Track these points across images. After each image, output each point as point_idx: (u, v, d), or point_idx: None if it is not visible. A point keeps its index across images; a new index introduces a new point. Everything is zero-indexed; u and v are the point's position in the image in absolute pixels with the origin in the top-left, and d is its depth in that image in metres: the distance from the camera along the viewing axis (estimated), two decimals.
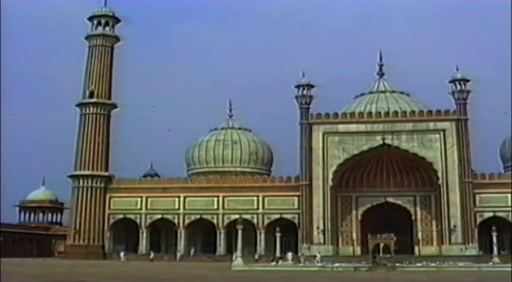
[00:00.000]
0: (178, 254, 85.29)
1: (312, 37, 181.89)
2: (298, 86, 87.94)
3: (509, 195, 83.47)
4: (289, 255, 72.81)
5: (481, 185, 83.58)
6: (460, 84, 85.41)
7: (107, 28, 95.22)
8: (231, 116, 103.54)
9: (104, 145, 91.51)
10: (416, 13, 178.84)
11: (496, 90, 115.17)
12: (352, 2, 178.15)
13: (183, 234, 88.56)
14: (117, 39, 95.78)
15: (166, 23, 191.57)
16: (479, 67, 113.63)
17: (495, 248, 72.16)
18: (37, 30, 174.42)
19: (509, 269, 56.74)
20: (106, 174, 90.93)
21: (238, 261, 60.80)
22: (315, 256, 73.87)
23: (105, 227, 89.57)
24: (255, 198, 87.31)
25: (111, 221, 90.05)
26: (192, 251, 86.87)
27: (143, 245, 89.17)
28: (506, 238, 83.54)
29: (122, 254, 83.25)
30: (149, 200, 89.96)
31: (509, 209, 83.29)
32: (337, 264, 61.66)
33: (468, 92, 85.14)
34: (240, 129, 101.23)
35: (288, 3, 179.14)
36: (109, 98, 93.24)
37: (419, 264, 62.86)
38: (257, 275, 50.56)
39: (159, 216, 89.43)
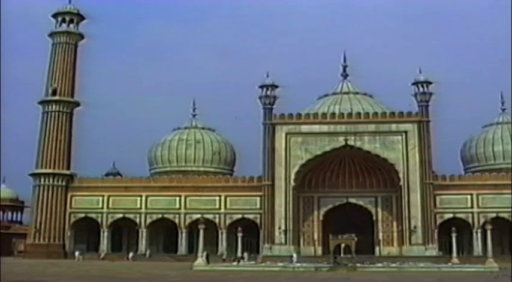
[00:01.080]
0: (131, 254, 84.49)
1: (277, 38, 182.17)
2: (262, 87, 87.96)
3: (469, 196, 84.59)
4: (245, 255, 72.65)
5: (441, 187, 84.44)
6: (422, 86, 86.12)
7: (71, 25, 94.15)
8: (194, 116, 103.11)
9: (66, 143, 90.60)
10: (381, 15, 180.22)
11: (457, 93, 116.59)
12: (318, 3, 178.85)
13: (144, 234, 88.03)
14: (82, 36, 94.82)
15: (132, 22, 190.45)
16: (442, 69, 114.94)
17: (454, 249, 72.98)
18: None
19: (468, 269, 57.77)
20: (68, 172, 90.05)
21: (199, 261, 60.71)
22: (291, 256, 73.35)
23: (66, 226, 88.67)
24: (217, 198, 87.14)
25: (72, 220, 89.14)
26: (148, 252, 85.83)
27: (104, 244, 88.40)
28: (466, 239, 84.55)
29: (76, 253, 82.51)
30: (111, 199, 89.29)
31: (469, 210, 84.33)
32: (298, 265, 61.92)
33: (430, 94, 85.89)
34: (203, 128, 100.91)
35: (254, 4, 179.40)
36: (72, 96, 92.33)
37: (379, 265, 63.41)
38: (218, 275, 50.54)
39: (121, 215, 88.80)
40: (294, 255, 73.50)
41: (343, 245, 66.63)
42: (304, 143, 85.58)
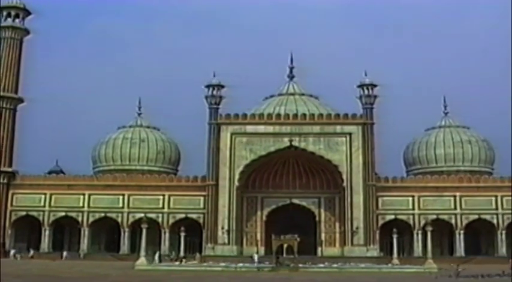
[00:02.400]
0: (65, 253, 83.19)
1: (225, 37, 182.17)
2: (208, 86, 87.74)
3: (410, 198, 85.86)
4: (173, 254, 72.16)
5: (384, 188, 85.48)
6: (367, 89, 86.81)
7: (17, 20, 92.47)
8: (139, 114, 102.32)
9: (8, 140, 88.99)
10: (329, 17, 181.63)
11: (402, 96, 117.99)
12: (266, 3, 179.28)
13: (86, 233, 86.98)
14: (27, 32, 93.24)
15: (79, 18, 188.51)
16: (387, 72, 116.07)
17: (395, 250, 73.92)
18: None
19: (408, 270, 58.66)
20: (10, 170, 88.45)
21: (141, 261, 60.45)
22: (251, 256, 73.11)
23: (7, 224, 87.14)
24: (161, 197, 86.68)
25: (13, 218, 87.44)
26: (82, 253, 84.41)
27: (45, 243, 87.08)
28: (406, 240, 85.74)
29: (12, 252, 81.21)
30: (53, 197, 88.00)
31: (411, 212, 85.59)
32: (240, 265, 61.98)
33: (375, 96, 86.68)
34: (148, 127, 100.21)
35: (202, 3, 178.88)
36: (16, 92, 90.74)
37: (321, 265, 63.90)
38: (161, 275, 50.48)
39: (63, 213, 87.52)
40: (255, 255, 73.45)
41: (285, 246, 66.84)
42: (249, 143, 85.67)
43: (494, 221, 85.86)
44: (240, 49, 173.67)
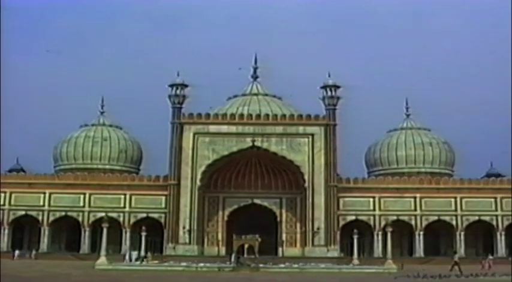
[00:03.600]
0: (16, 253, 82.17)
1: (189, 37, 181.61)
2: (171, 85, 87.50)
3: (371, 199, 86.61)
4: (134, 254, 71.84)
5: (345, 189, 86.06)
6: (331, 90, 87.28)
7: None
8: (102, 113, 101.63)
9: None
10: (293, 18, 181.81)
11: (364, 98, 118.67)
12: (231, 3, 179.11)
13: (46, 232, 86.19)
14: None
15: (44, 16, 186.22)
16: (351, 74, 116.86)
17: (355, 250, 74.42)
18: None
19: (368, 270, 59.10)
20: None
21: (102, 260, 60.09)
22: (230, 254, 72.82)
23: None
24: (122, 196, 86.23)
25: None
26: (34, 253, 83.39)
27: (5, 242, 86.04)
28: (367, 241, 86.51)
29: None
30: (13, 195, 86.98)
31: (371, 212, 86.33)
32: (201, 264, 61.82)
33: (338, 98, 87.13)
34: (111, 126, 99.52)
35: (167, 2, 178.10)
36: None
37: (282, 265, 63.88)
38: (121, 274, 50.20)
39: (23, 212, 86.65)
40: (233, 255, 73.28)
41: (246, 246, 67.17)
42: (211, 143, 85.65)
43: (454, 222, 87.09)
44: (204, 49, 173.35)
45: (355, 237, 75.28)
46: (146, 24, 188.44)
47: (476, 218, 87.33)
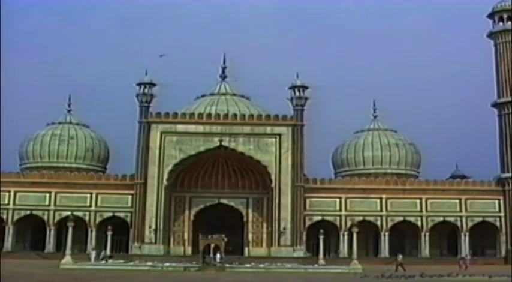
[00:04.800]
0: None
1: (158, 36, 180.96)
2: (139, 84, 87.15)
3: (337, 200, 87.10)
4: (93, 253, 71.54)
5: (312, 190, 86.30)
6: (299, 90, 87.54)
7: None
8: (69, 111, 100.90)
9: None
10: (263, 18, 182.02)
11: (332, 99, 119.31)
12: (200, 2, 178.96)
13: (11, 231, 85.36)
14: None
15: (12, 13, 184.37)
16: (319, 75, 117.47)
17: (321, 250, 74.81)
18: None
19: (333, 270, 59.51)
20: None
21: (67, 259, 59.88)
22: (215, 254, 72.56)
23: None
24: (89, 195, 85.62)
25: None
26: None
27: None
28: (333, 241, 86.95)
29: None
30: None
31: (338, 213, 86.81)
32: (167, 264, 61.87)
33: (306, 98, 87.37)
34: (77, 124, 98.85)
35: (137, 1, 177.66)
36: None
37: (248, 265, 64.24)
38: (86, 274, 50.08)
39: None
40: (218, 255, 73.07)
41: (212, 245, 66.96)
42: (179, 142, 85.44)
43: (419, 223, 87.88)
44: (173, 48, 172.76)
45: (321, 237, 75.60)
46: (115, 22, 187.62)
47: (441, 218, 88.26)
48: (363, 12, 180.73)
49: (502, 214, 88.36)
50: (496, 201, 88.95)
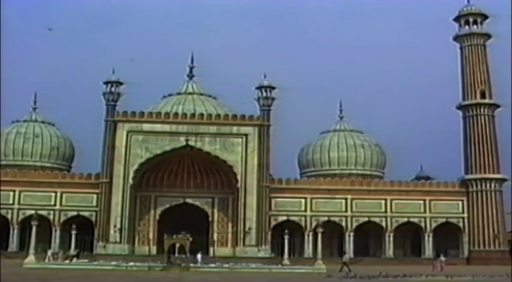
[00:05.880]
0: None
1: (126, 34, 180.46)
2: (106, 83, 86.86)
3: (303, 200, 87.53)
4: (49, 252, 71.08)
5: (277, 190, 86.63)
6: (266, 91, 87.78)
7: None
8: (35, 109, 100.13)
9: None
10: (232, 18, 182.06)
11: (299, 99, 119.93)
12: (168, 1, 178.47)
13: None
14: None
15: None
16: (286, 76, 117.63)
17: (286, 251, 75.00)
18: None
19: (298, 270, 59.69)
20: None
21: (30, 259, 59.35)
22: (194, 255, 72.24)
23: None
24: (53, 194, 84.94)
25: None
26: None
27: None
28: (298, 241, 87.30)
29: None
30: None
31: (303, 213, 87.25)
32: (131, 264, 61.58)
33: (273, 99, 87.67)
34: (43, 122, 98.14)
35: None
36: None
37: (212, 265, 64.10)
38: (49, 273, 49.65)
39: None
40: (199, 255, 72.79)
41: (177, 245, 66.89)
42: (145, 141, 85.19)
43: (383, 224, 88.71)
44: (141, 47, 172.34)
45: (286, 237, 75.63)
46: (82, 20, 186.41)
47: (405, 219, 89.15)
48: (329, 13, 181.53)
49: (465, 215, 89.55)
50: (460, 203, 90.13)
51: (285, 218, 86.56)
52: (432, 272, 57.81)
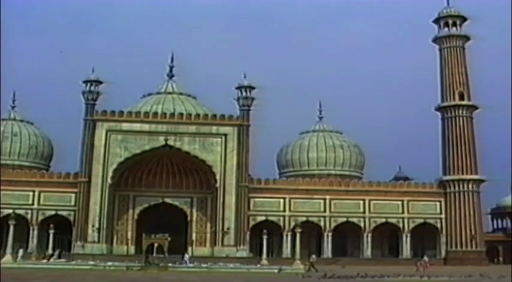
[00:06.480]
0: None
1: (107, 34, 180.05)
2: (86, 82, 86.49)
3: (281, 200, 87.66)
4: (20, 252, 70.56)
5: (256, 190, 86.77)
6: (245, 91, 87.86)
7: None
8: (13, 107, 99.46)
9: None
10: (212, 18, 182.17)
11: (279, 99, 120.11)
12: (148, 1, 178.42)
13: None
14: None
15: None
16: (266, 76, 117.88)
17: (265, 251, 75.07)
18: None
19: (275, 270, 59.77)
20: None
21: (7, 258, 59.11)
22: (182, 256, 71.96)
23: None
24: (31, 193, 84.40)
25: None
26: None
27: None
28: (276, 241, 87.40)
29: None
30: None
31: (281, 213, 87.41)
32: (109, 263, 61.47)
33: (253, 99, 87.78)
34: (22, 121, 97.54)
35: None
36: None
37: (191, 265, 64.17)
38: (26, 273, 49.42)
39: None
40: (186, 256, 72.65)
41: (156, 245, 66.88)
42: (124, 141, 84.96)
43: (361, 224, 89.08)
44: (121, 46, 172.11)
45: (265, 237, 75.72)
46: (62, 19, 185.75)
47: (384, 220, 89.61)
48: (310, 15, 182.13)
49: (443, 216, 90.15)
50: (437, 203, 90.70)
51: (263, 218, 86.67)
52: (415, 272, 58.02)
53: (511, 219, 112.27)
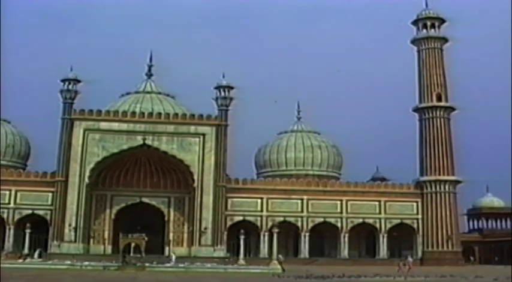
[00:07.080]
0: None
1: (85, 33, 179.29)
2: (64, 80, 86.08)
3: (259, 200, 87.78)
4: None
5: (234, 190, 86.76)
6: (224, 90, 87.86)
7: None
8: None
9: None
10: (190, 17, 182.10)
11: (257, 100, 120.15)
12: (127, 0, 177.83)
13: None
14: None
15: None
16: (245, 76, 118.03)
17: (242, 251, 75.24)
18: None
19: (253, 270, 60.02)
20: None
21: None
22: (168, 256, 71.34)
23: None
24: (7, 192, 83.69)
25: None
26: None
27: None
28: (253, 241, 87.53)
29: None
30: None
31: (259, 213, 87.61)
32: (86, 263, 61.36)
33: (231, 99, 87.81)
34: None
35: None
36: None
37: (168, 265, 64.21)
38: (2, 273, 49.11)
39: None
40: (173, 255, 72.35)
41: (133, 244, 66.56)
42: (101, 140, 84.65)
43: (339, 225, 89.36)
44: (100, 46, 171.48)
45: (242, 237, 75.98)
46: (40, 17, 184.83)
47: (361, 220, 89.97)
48: (288, 14, 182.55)
49: (420, 216, 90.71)
50: (414, 204, 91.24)
51: (241, 218, 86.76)
52: (398, 272, 58.34)
53: (487, 220, 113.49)
